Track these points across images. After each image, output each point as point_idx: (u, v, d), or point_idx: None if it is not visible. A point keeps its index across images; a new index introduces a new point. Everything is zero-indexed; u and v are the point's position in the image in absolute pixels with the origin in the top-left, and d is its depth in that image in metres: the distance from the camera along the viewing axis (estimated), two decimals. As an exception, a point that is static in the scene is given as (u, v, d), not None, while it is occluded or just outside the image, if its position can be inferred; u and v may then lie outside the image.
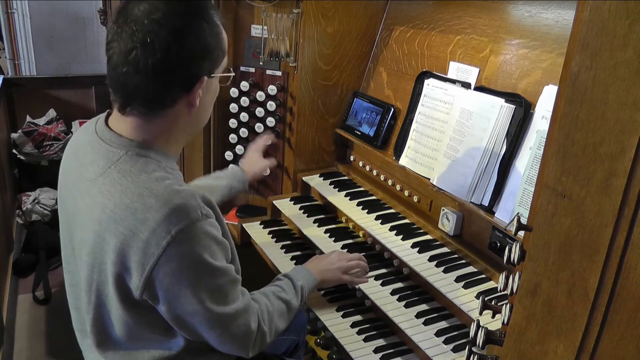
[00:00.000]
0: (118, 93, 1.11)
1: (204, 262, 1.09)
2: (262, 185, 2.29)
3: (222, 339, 1.19)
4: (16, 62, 4.28)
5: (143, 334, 1.18)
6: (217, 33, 1.13)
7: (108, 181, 1.09)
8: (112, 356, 1.21)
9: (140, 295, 1.08)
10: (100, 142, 1.15)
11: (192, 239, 1.06)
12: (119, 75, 1.07)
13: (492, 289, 1.47)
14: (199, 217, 1.06)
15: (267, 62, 2.10)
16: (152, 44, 1.02)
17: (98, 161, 1.13)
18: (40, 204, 3.72)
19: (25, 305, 2.96)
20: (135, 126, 1.13)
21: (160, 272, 1.05)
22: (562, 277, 0.72)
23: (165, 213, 1.03)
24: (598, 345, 0.69)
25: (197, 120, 1.21)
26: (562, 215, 0.71)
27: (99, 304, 1.16)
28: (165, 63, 1.04)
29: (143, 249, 1.04)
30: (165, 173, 1.11)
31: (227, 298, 1.16)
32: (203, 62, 1.11)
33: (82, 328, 1.25)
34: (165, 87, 1.08)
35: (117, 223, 1.05)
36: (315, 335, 2.07)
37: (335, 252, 1.66)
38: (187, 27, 1.06)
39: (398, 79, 1.98)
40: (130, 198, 1.05)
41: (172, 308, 1.11)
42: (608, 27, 0.63)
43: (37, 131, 3.97)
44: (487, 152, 1.52)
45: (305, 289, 1.45)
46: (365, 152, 2.07)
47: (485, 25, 1.69)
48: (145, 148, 1.13)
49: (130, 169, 1.09)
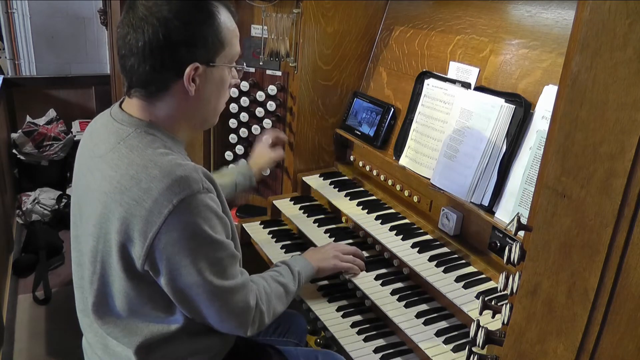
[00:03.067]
0: (123, 76, 1.21)
1: (205, 233, 1.12)
2: (262, 185, 2.29)
3: (221, 314, 1.20)
4: (16, 62, 4.28)
5: (143, 308, 1.20)
6: (213, 23, 1.16)
7: (117, 155, 1.15)
8: (112, 329, 1.23)
9: (142, 266, 1.11)
10: (113, 122, 1.22)
11: (194, 209, 1.09)
12: (120, 58, 1.17)
13: (492, 289, 1.47)
14: (200, 189, 1.11)
15: (267, 62, 2.10)
16: (142, 28, 1.12)
17: (109, 138, 1.19)
18: (40, 204, 3.72)
19: (25, 305, 2.96)
20: (141, 107, 1.20)
21: (162, 241, 1.08)
22: (562, 277, 0.72)
23: (168, 183, 1.08)
24: (598, 345, 0.69)
25: (198, 109, 1.24)
26: (562, 215, 0.71)
27: (102, 275, 1.19)
28: (152, 45, 1.12)
29: (146, 217, 1.08)
30: (169, 151, 1.16)
31: (226, 272, 1.19)
32: (194, 49, 1.15)
33: (84, 307, 1.28)
34: (154, 68, 1.14)
35: (123, 193, 1.10)
36: (315, 335, 2.07)
37: (330, 244, 1.70)
38: (175, 15, 1.12)
39: (398, 79, 1.98)
40: (135, 169, 1.11)
41: (172, 279, 1.13)
42: (608, 27, 0.63)
43: (37, 131, 3.97)
44: (487, 152, 1.52)
45: (302, 275, 1.48)
46: (365, 152, 2.07)
47: (485, 25, 1.69)
48: (153, 128, 1.20)
49: (138, 144, 1.15)
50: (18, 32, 4.23)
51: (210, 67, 1.18)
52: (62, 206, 3.75)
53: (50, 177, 4.05)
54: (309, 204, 2.08)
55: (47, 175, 4.02)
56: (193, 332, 1.26)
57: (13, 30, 4.22)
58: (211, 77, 1.20)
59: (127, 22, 1.14)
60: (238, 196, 2.32)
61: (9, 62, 4.25)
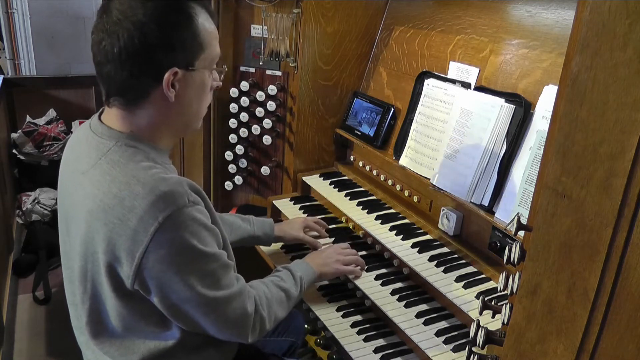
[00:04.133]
0: (100, 84, 1.16)
1: (193, 248, 1.09)
2: (262, 185, 2.29)
3: (219, 324, 1.19)
4: (16, 62, 4.28)
5: (138, 325, 1.18)
6: (191, 26, 1.12)
7: (98, 172, 1.11)
8: (108, 347, 1.21)
9: (132, 285, 1.09)
10: (93, 135, 1.18)
11: (180, 225, 1.07)
12: (96, 66, 1.13)
13: (492, 289, 1.47)
14: (186, 204, 1.08)
15: (267, 62, 2.10)
16: (116, 33, 1.07)
17: (90, 153, 1.15)
18: (40, 204, 3.72)
19: (25, 305, 2.96)
20: (120, 117, 1.16)
21: (150, 259, 1.06)
22: (562, 277, 0.72)
23: (151, 200, 1.05)
24: (598, 345, 0.69)
25: (182, 114, 1.19)
26: (562, 215, 0.71)
27: (94, 294, 1.17)
28: (128, 51, 1.07)
29: (132, 236, 1.05)
30: (153, 163, 1.13)
31: (220, 283, 1.16)
32: (172, 53, 1.10)
33: (79, 324, 1.26)
34: (132, 74, 1.10)
35: (106, 212, 1.07)
36: (315, 335, 2.07)
37: (331, 247, 1.68)
38: (150, 18, 1.07)
39: (398, 79, 1.98)
40: (118, 187, 1.07)
41: (164, 297, 1.11)
42: (608, 27, 0.63)
43: (37, 131, 3.96)
44: (487, 152, 1.52)
45: (304, 280, 1.46)
46: (365, 152, 2.07)
47: (485, 25, 1.69)
48: (134, 139, 1.15)
49: (119, 159, 1.12)
50: (18, 32, 4.23)
51: (190, 71, 1.14)
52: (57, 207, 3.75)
53: (50, 177, 4.04)
54: (309, 204, 2.08)
55: (47, 175, 4.02)
56: (190, 347, 1.24)
57: (13, 30, 4.22)
58: (191, 82, 1.16)
59: (101, 27, 1.09)
60: (233, 198, 2.32)
61: (9, 62, 4.25)
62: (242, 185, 2.27)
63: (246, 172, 2.25)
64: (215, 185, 2.30)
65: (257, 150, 2.23)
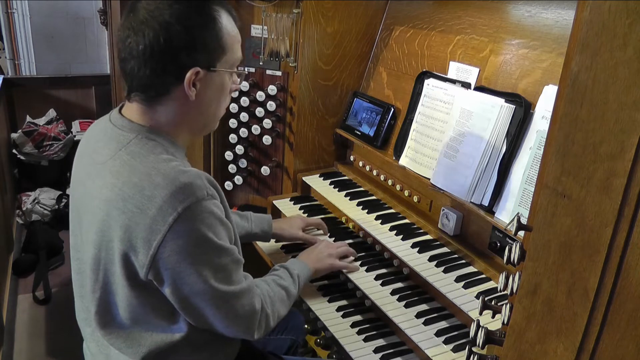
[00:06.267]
0: (123, 79, 1.19)
1: (209, 240, 1.11)
2: (262, 185, 2.29)
3: (228, 319, 1.20)
4: (16, 62, 4.28)
5: (147, 317, 1.19)
6: (214, 28, 1.15)
7: (118, 163, 1.13)
8: (114, 339, 1.22)
9: (146, 275, 1.10)
10: (113, 127, 1.20)
11: (198, 216, 1.09)
12: (121, 62, 1.16)
13: (492, 289, 1.47)
14: (205, 196, 1.10)
15: (267, 62, 2.10)
16: (142, 31, 1.10)
17: (109, 145, 1.17)
18: (40, 204, 3.72)
19: (25, 305, 2.96)
20: (141, 112, 1.19)
21: (166, 249, 1.07)
22: (562, 277, 0.72)
23: (171, 190, 1.07)
24: (598, 345, 0.69)
25: (200, 113, 1.23)
26: (562, 215, 0.71)
27: (105, 284, 1.18)
28: (153, 49, 1.10)
29: (150, 225, 1.06)
30: (172, 157, 1.16)
31: (231, 278, 1.18)
32: (194, 53, 1.14)
33: (86, 316, 1.27)
34: (155, 72, 1.13)
35: (125, 200, 1.08)
36: (315, 335, 2.07)
37: (323, 242, 1.70)
38: (177, 19, 1.11)
39: (398, 79, 1.98)
40: (138, 177, 1.09)
41: (177, 288, 1.12)
42: (608, 27, 0.63)
43: (37, 131, 3.97)
44: (487, 152, 1.52)
45: (301, 278, 1.49)
46: (365, 152, 2.07)
47: (485, 25, 1.69)
48: (154, 133, 1.18)
49: (140, 150, 1.14)
50: (18, 32, 4.23)
51: (211, 71, 1.18)
52: (62, 206, 3.75)
53: (50, 177, 4.05)
54: (309, 204, 2.08)
55: (47, 175, 4.02)
56: (196, 343, 1.25)
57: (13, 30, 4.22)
58: (212, 82, 1.19)
59: (127, 25, 1.13)
60: (233, 198, 2.32)
61: (9, 62, 4.26)
62: (242, 185, 2.27)
63: (246, 172, 2.25)
64: (215, 185, 2.30)
65: (257, 150, 2.23)
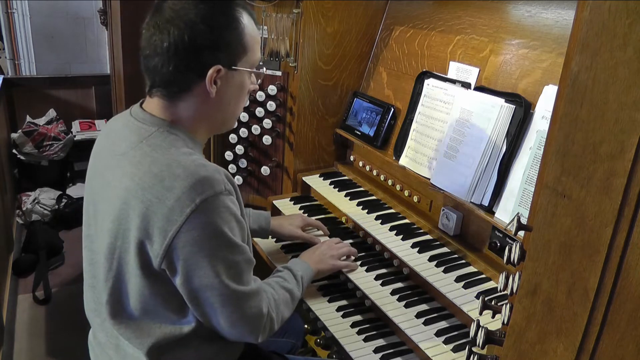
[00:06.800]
0: (146, 75, 1.22)
1: (224, 235, 1.13)
2: (262, 185, 2.29)
3: (234, 318, 1.20)
4: (16, 62, 4.28)
5: (157, 308, 1.20)
6: (237, 28, 1.19)
7: (139, 153, 1.16)
8: (124, 329, 1.23)
9: (160, 264, 1.11)
10: (134, 121, 1.23)
11: (215, 210, 1.10)
12: (144, 58, 1.20)
13: (492, 289, 1.47)
14: (222, 191, 1.12)
15: (267, 62, 2.10)
16: (167, 30, 1.14)
17: (130, 137, 1.20)
18: (40, 204, 3.72)
19: (25, 305, 2.96)
20: (162, 107, 1.22)
21: (181, 240, 1.09)
22: (562, 277, 0.72)
23: (191, 182, 1.09)
24: (598, 345, 0.69)
25: (220, 110, 1.26)
26: (562, 215, 0.71)
27: (118, 272, 1.19)
28: (177, 47, 1.14)
29: (167, 215, 1.08)
30: (192, 151, 1.18)
31: (242, 278, 1.19)
32: (217, 52, 1.17)
33: (96, 306, 1.28)
34: (178, 69, 1.16)
35: (145, 190, 1.10)
36: (315, 335, 2.07)
37: (324, 243, 1.70)
38: (202, 19, 1.14)
39: (398, 79, 1.98)
40: (159, 168, 1.12)
41: (188, 279, 1.13)
42: (608, 27, 0.63)
43: (37, 131, 3.97)
44: (487, 152, 1.52)
45: (304, 280, 1.49)
46: (365, 152, 2.07)
47: (485, 25, 1.69)
48: (175, 127, 1.21)
49: (161, 143, 1.16)
50: (18, 32, 4.23)
51: (232, 70, 1.21)
52: (62, 206, 3.75)
53: (50, 177, 4.06)
54: (309, 204, 2.08)
55: (47, 175, 4.03)
56: (204, 337, 1.25)
57: (13, 30, 4.22)
58: (232, 81, 1.23)
59: (152, 24, 1.17)
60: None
61: (9, 62, 4.26)
62: (242, 185, 2.27)
63: (246, 172, 2.25)
64: (215, 185, 2.30)
65: (257, 150, 2.23)
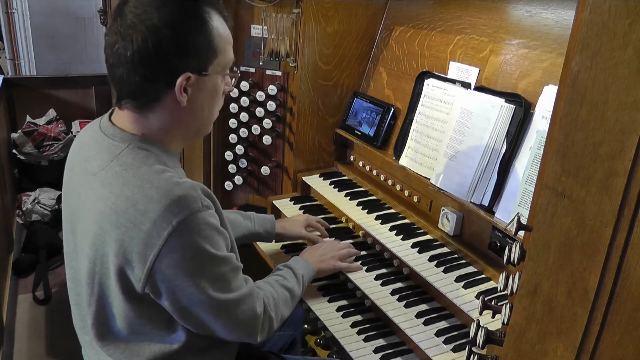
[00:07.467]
0: (112, 86, 1.16)
1: (206, 252, 1.09)
2: (262, 185, 2.28)
3: (229, 326, 1.19)
4: (16, 62, 4.29)
5: (144, 328, 1.18)
6: (205, 31, 1.11)
7: (110, 174, 1.10)
8: (112, 350, 1.21)
9: (142, 289, 1.09)
10: (103, 136, 1.17)
11: (194, 229, 1.07)
12: (109, 68, 1.13)
13: (492, 289, 1.47)
14: (200, 208, 1.07)
15: (267, 62, 2.10)
16: (130, 36, 1.07)
17: (101, 155, 1.14)
18: (40, 204, 3.72)
19: (25, 305, 2.96)
20: (132, 120, 1.16)
21: (163, 263, 1.06)
22: (562, 277, 0.72)
23: (165, 204, 1.04)
24: (598, 345, 0.69)
25: (194, 118, 1.20)
26: (562, 215, 0.71)
27: (101, 297, 1.16)
28: (142, 55, 1.07)
29: (144, 240, 1.04)
30: (165, 167, 1.13)
31: (230, 286, 1.17)
32: (185, 58, 1.10)
33: (83, 325, 1.25)
34: (145, 79, 1.10)
35: (119, 215, 1.06)
36: (315, 335, 2.07)
37: (326, 243, 1.70)
38: (165, 23, 1.07)
39: (398, 79, 1.98)
40: (131, 190, 1.06)
41: (175, 300, 1.11)
42: (608, 27, 0.63)
43: (37, 131, 3.96)
44: (487, 152, 1.52)
45: (305, 278, 1.48)
46: (365, 152, 2.07)
47: (485, 25, 1.69)
48: (146, 142, 1.15)
49: (132, 161, 1.11)
50: (18, 32, 4.23)
51: (203, 76, 1.14)
52: (62, 206, 3.75)
53: (50, 177, 4.05)
54: (309, 204, 2.08)
55: (47, 175, 4.02)
56: (195, 349, 1.24)
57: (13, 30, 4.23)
58: (204, 87, 1.16)
59: (115, 30, 1.09)
60: (233, 198, 2.32)
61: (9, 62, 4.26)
62: (242, 185, 2.27)
63: (246, 172, 2.25)
64: (215, 185, 2.30)
65: (257, 150, 2.23)
